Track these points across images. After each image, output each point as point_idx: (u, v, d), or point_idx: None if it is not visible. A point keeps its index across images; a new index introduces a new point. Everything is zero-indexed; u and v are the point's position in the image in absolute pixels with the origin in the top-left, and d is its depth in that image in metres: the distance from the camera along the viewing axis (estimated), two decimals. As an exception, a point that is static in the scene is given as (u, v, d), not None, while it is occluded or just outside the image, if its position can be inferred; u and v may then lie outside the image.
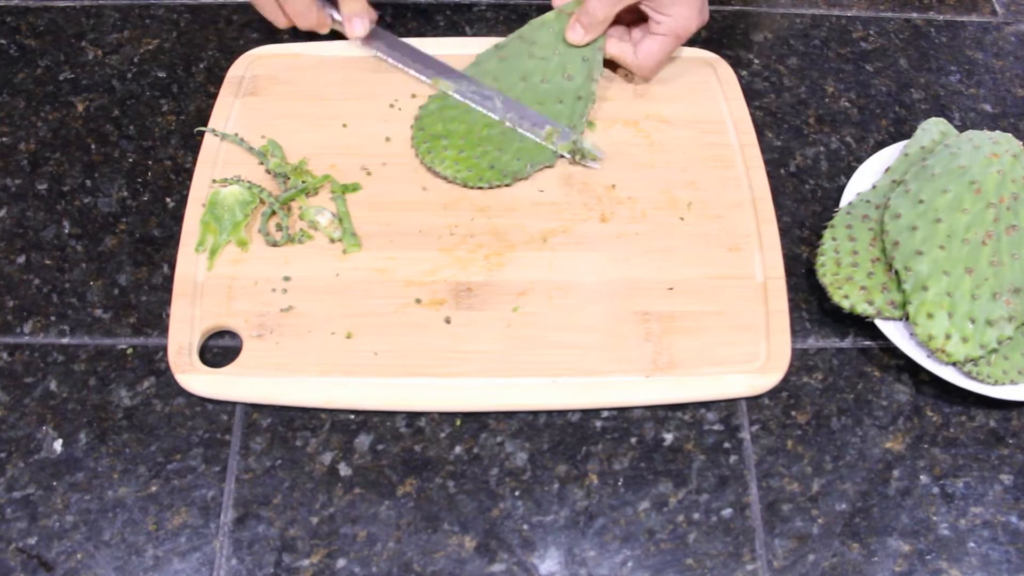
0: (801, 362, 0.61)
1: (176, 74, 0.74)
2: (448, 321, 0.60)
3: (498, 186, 0.65)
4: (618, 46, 0.70)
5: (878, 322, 0.60)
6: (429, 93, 0.71)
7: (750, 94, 0.73)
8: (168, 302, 0.61)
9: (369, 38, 0.71)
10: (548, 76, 0.69)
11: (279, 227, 0.63)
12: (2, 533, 0.53)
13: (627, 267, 0.63)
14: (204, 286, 0.61)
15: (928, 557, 0.54)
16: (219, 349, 0.60)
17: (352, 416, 0.58)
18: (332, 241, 0.63)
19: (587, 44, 0.68)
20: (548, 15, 0.70)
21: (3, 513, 0.54)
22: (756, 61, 0.77)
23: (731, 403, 0.59)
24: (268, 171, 0.65)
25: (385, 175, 0.67)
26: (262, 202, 0.63)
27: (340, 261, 0.62)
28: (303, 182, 0.65)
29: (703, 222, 0.65)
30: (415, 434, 0.57)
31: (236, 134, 0.67)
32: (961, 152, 0.61)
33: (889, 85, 0.76)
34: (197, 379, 0.57)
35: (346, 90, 0.71)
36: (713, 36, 0.78)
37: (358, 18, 0.69)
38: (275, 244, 0.62)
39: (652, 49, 0.69)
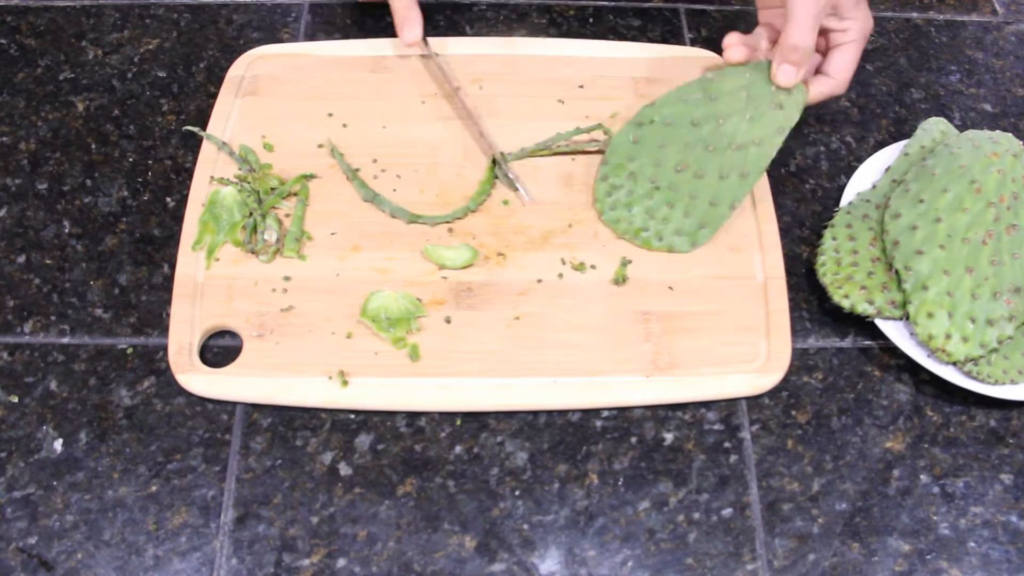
0: (801, 362, 0.61)
1: (176, 74, 0.74)
2: (448, 321, 0.60)
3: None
4: (814, 84, 0.63)
5: (878, 322, 0.60)
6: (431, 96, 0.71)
7: (750, 94, 0.73)
8: (168, 302, 0.61)
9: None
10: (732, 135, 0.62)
11: (254, 231, 0.63)
12: (2, 533, 0.53)
13: (627, 267, 0.63)
14: (204, 286, 0.61)
15: (928, 557, 0.54)
16: (219, 349, 0.60)
17: (352, 416, 0.58)
18: (283, 256, 0.62)
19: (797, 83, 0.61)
20: (728, 70, 0.63)
21: (3, 513, 0.54)
22: (756, 61, 0.77)
23: (731, 403, 0.59)
24: (243, 179, 0.65)
25: (384, 176, 0.67)
26: (251, 212, 0.63)
27: (340, 261, 0.62)
28: (273, 189, 0.64)
29: (703, 222, 0.65)
30: (415, 434, 0.57)
31: (218, 138, 0.67)
32: (961, 152, 0.61)
33: (889, 85, 0.76)
34: (197, 379, 0.57)
35: (346, 90, 0.71)
36: (713, 36, 0.78)
37: (407, 25, 0.70)
38: (253, 252, 0.62)
39: (847, 61, 0.63)
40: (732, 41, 0.64)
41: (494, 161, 0.66)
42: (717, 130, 0.61)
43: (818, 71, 0.65)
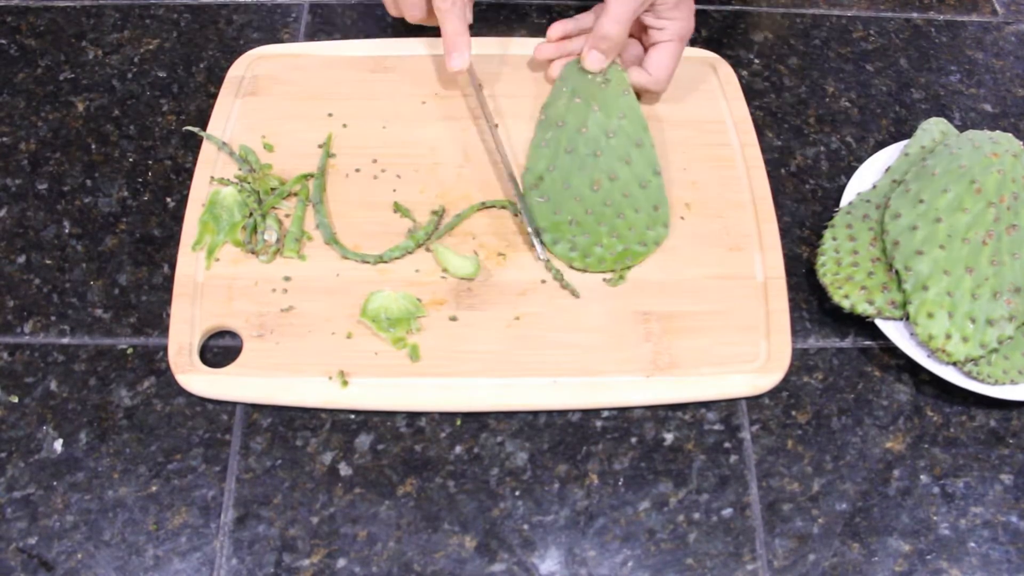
0: (801, 362, 0.61)
1: (176, 74, 0.74)
2: (449, 321, 0.60)
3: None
4: (632, 73, 0.67)
5: (878, 322, 0.60)
6: (436, 95, 0.71)
7: (750, 94, 0.73)
8: (168, 302, 0.61)
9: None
10: (618, 171, 0.63)
11: (254, 231, 0.62)
12: (2, 533, 0.53)
13: (627, 269, 0.63)
14: (204, 286, 0.61)
15: (928, 557, 0.54)
16: (219, 349, 0.60)
17: (352, 416, 0.58)
18: (283, 256, 0.62)
19: (606, 68, 0.63)
20: (559, 90, 0.64)
21: (3, 513, 0.54)
22: (756, 61, 0.77)
23: (731, 403, 0.59)
24: (243, 179, 0.65)
25: (384, 176, 0.67)
26: (251, 212, 0.63)
27: (340, 261, 0.62)
28: (273, 189, 0.64)
29: (703, 222, 0.65)
30: (415, 434, 0.57)
31: (218, 138, 0.67)
32: (961, 152, 0.61)
33: (889, 85, 0.76)
34: (197, 379, 0.57)
35: (346, 90, 0.71)
36: (713, 36, 0.78)
37: (456, 52, 0.64)
38: (253, 252, 0.62)
39: (663, 59, 0.66)
40: (549, 38, 0.67)
41: (514, 205, 0.65)
42: (588, 139, 0.62)
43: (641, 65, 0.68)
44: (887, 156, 0.68)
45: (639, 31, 0.68)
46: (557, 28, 0.68)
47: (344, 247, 0.62)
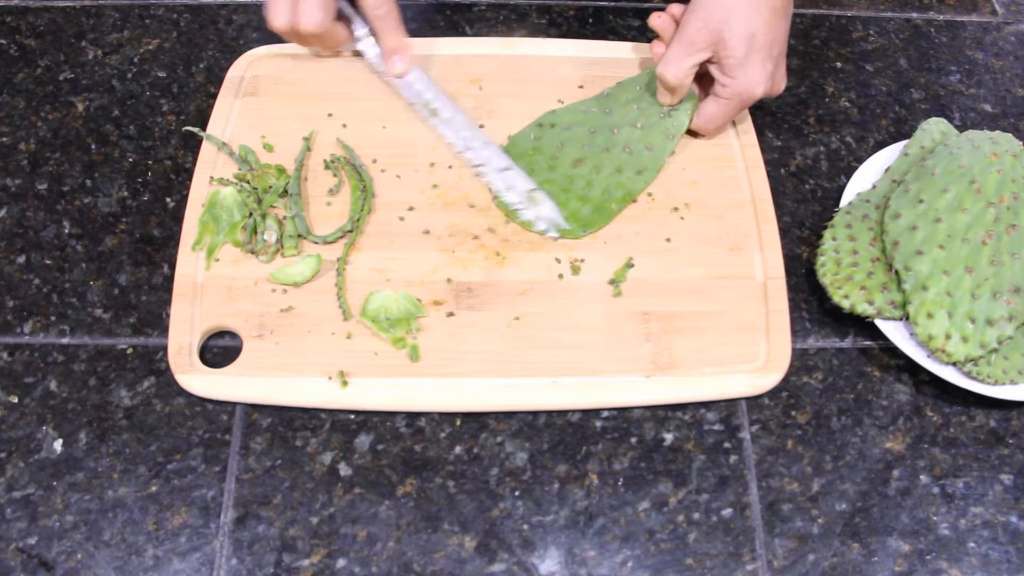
0: (801, 362, 0.61)
1: (176, 74, 0.74)
2: (448, 318, 0.60)
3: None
4: None
5: (878, 322, 0.60)
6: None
7: (750, 94, 0.73)
8: (168, 302, 0.61)
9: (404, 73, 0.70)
10: (629, 135, 0.67)
11: (254, 232, 0.62)
12: (2, 533, 0.53)
13: (629, 269, 0.63)
14: (204, 286, 0.61)
15: (928, 557, 0.54)
16: (219, 349, 0.60)
17: (352, 416, 0.58)
18: (283, 256, 0.62)
19: (673, 104, 0.67)
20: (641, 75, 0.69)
21: (3, 513, 0.54)
22: (756, 61, 0.77)
23: (731, 403, 0.59)
24: (242, 178, 0.65)
25: (384, 176, 0.67)
26: (251, 212, 0.63)
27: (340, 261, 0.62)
28: (270, 187, 0.64)
29: (703, 222, 0.65)
30: (415, 434, 0.57)
31: (218, 138, 0.67)
32: (961, 152, 0.61)
33: (889, 85, 0.76)
34: (197, 379, 0.57)
35: (346, 90, 0.71)
36: (713, 36, 0.78)
37: (398, 56, 0.69)
38: (253, 252, 0.62)
39: (712, 112, 0.66)
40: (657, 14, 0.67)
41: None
42: (612, 138, 0.67)
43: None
44: (887, 156, 0.68)
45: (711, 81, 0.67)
46: (677, 8, 0.66)
47: (312, 233, 0.63)
